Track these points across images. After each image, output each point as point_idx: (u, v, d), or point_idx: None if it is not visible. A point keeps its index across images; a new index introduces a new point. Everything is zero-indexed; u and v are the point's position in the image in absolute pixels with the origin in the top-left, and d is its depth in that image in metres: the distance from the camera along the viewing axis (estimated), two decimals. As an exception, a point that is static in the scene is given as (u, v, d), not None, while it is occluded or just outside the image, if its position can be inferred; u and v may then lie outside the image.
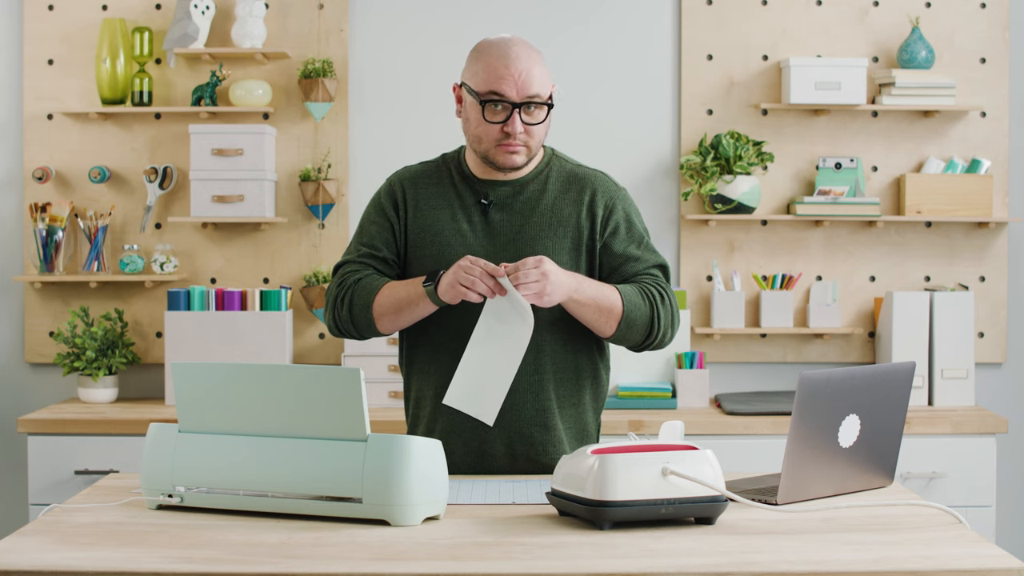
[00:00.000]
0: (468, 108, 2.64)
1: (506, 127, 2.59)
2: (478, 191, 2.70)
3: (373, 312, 2.65)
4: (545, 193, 2.70)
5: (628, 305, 2.61)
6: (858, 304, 4.34)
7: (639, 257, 2.70)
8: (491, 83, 2.58)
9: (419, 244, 2.69)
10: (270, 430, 2.25)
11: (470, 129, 2.64)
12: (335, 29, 4.28)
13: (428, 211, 2.70)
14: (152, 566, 1.94)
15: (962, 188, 4.23)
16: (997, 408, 4.34)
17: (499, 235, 2.67)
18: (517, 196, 2.69)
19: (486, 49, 2.62)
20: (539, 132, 2.64)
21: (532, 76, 2.58)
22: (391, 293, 2.64)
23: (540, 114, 2.62)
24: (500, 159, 2.63)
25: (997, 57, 4.31)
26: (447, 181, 2.72)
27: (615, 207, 2.71)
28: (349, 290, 2.68)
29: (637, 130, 4.32)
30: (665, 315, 2.66)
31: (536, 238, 2.66)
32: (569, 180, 2.72)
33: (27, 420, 3.88)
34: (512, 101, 2.58)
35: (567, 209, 2.69)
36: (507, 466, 2.69)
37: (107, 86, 4.19)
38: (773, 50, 4.31)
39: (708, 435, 3.85)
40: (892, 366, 2.48)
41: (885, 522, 2.22)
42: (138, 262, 4.21)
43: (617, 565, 1.94)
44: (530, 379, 2.66)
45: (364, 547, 2.04)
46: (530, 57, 2.60)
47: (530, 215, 2.67)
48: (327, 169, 4.25)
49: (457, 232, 2.68)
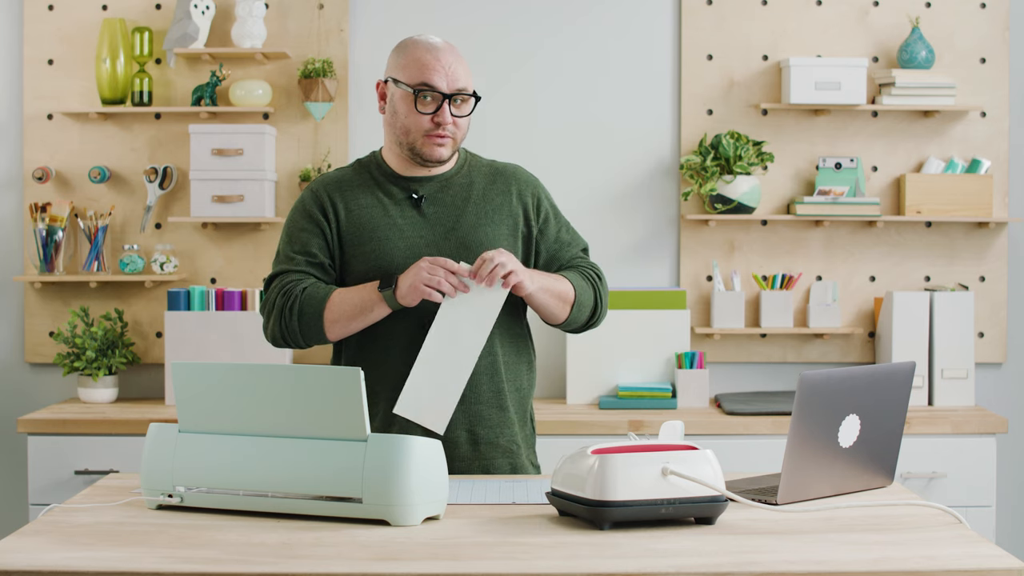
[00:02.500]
0: (396, 101, 2.70)
1: (436, 117, 2.67)
2: (405, 187, 2.76)
3: (324, 320, 2.66)
4: (473, 185, 2.78)
5: (578, 289, 2.76)
6: (858, 304, 4.34)
7: (570, 241, 2.84)
8: (422, 75, 2.66)
9: (356, 243, 2.72)
10: (270, 430, 2.25)
11: (398, 122, 2.70)
12: (335, 29, 4.28)
13: (359, 211, 2.73)
14: (152, 566, 1.94)
15: (962, 188, 4.23)
16: (997, 408, 4.34)
17: (437, 226, 2.72)
18: (446, 190, 2.76)
19: (412, 45, 2.71)
20: (464, 125, 2.73)
21: (459, 70, 2.69)
22: (342, 300, 2.66)
23: (467, 107, 2.70)
24: (427, 151, 2.69)
25: (997, 57, 4.31)
26: (371, 182, 2.77)
27: (540, 196, 2.83)
28: (296, 299, 2.68)
29: (637, 130, 4.32)
30: (604, 294, 2.83)
31: (475, 226, 2.73)
32: (492, 174, 2.82)
33: (27, 420, 3.88)
34: (443, 92, 2.66)
35: (498, 199, 2.78)
36: (469, 452, 2.72)
37: (107, 86, 4.19)
38: (773, 50, 4.31)
39: (708, 435, 3.85)
40: (892, 366, 2.48)
41: (885, 522, 2.22)
42: (138, 262, 4.21)
43: (617, 565, 1.94)
44: (484, 360, 2.71)
45: (364, 547, 2.04)
46: (455, 54, 2.71)
47: (464, 206, 2.74)
48: (327, 169, 4.25)
49: (393, 227, 2.72)
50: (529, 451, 2.84)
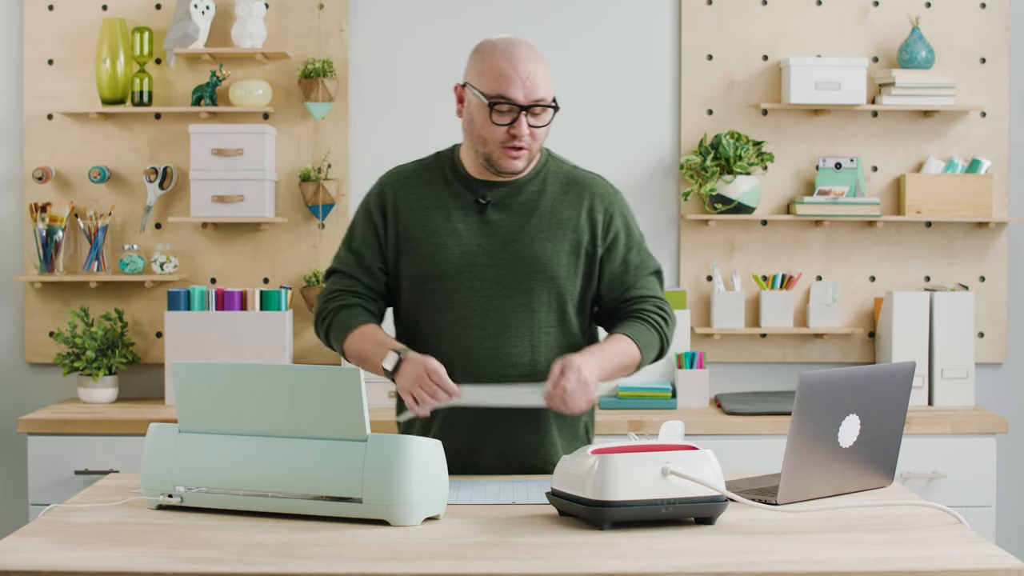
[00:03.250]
0: (473, 109, 2.62)
1: (512, 129, 2.58)
2: (475, 190, 2.68)
3: (344, 349, 2.70)
4: (544, 195, 2.69)
5: (644, 349, 2.67)
6: (858, 304, 4.34)
7: (639, 264, 2.72)
8: (499, 86, 2.56)
9: (413, 245, 2.68)
10: (270, 430, 2.25)
11: (474, 130, 2.62)
12: (335, 29, 4.28)
13: (420, 211, 2.68)
14: (152, 566, 1.94)
15: (962, 188, 4.23)
16: (997, 408, 4.34)
17: (497, 235, 2.66)
18: (515, 197, 2.68)
19: (491, 50, 2.60)
20: (541, 135, 2.64)
21: (538, 79, 2.58)
22: (359, 344, 2.67)
23: (546, 117, 2.61)
24: (503, 163, 2.62)
25: (997, 57, 4.30)
26: (440, 180, 2.71)
27: (614, 213, 2.71)
28: (330, 316, 2.71)
29: (637, 130, 4.32)
30: (670, 334, 2.73)
31: (535, 239, 2.65)
32: (567, 182, 2.72)
33: (27, 420, 3.88)
34: (519, 104, 2.57)
35: (566, 211, 2.68)
36: (496, 465, 2.68)
37: (107, 86, 4.19)
38: (773, 50, 4.31)
39: (708, 435, 3.84)
40: (892, 366, 2.48)
41: (885, 522, 2.22)
42: (138, 262, 4.21)
43: (617, 565, 1.94)
44: (526, 382, 2.64)
45: (364, 547, 2.04)
46: (535, 59, 2.60)
47: (529, 216, 2.66)
48: (327, 169, 4.25)
49: (452, 231, 2.66)
50: None
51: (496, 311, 2.63)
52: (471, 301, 2.63)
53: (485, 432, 2.66)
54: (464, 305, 2.64)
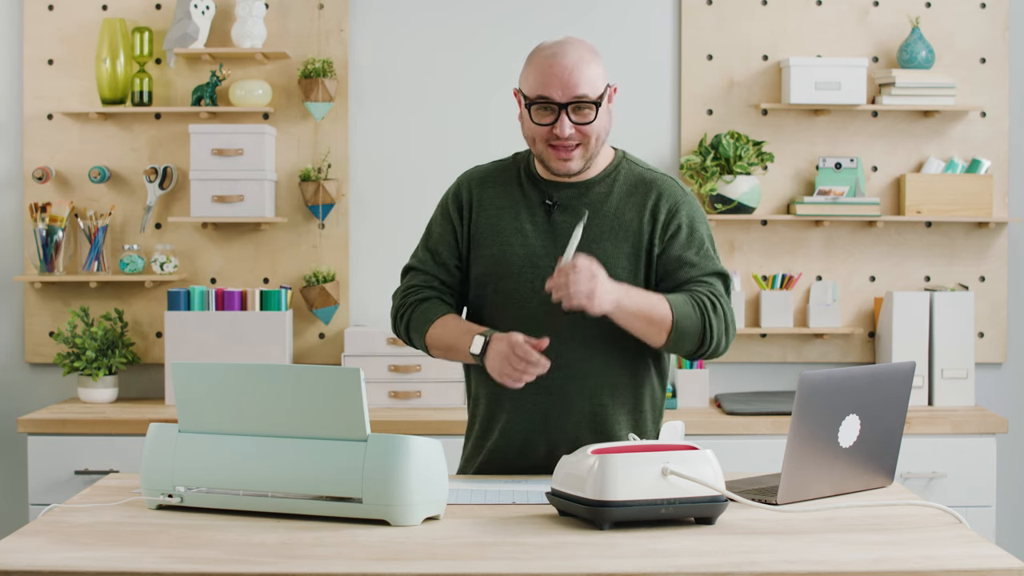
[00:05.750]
0: (522, 111, 2.64)
1: (554, 128, 2.58)
2: (542, 191, 2.69)
3: (426, 342, 2.70)
4: (610, 196, 2.67)
5: (678, 315, 2.54)
6: (858, 304, 4.34)
7: (695, 263, 2.63)
8: (537, 87, 2.58)
9: (482, 244, 2.70)
10: (270, 430, 2.25)
11: (525, 132, 2.65)
12: (335, 29, 4.28)
13: (492, 210, 2.70)
14: (152, 566, 1.94)
15: (962, 188, 4.23)
16: (997, 408, 4.34)
17: (559, 236, 2.65)
18: (582, 198, 2.67)
19: (536, 52, 2.63)
20: (593, 131, 2.61)
21: (578, 76, 2.57)
22: (443, 334, 2.66)
23: (590, 113, 2.59)
24: (553, 164, 2.62)
25: (997, 57, 4.31)
26: (514, 181, 2.72)
27: (679, 211, 2.66)
28: (409, 310, 2.71)
29: (637, 130, 4.31)
30: (718, 324, 2.58)
31: (596, 240, 2.63)
32: (636, 184, 2.69)
33: (27, 420, 3.88)
34: (557, 102, 2.57)
35: (629, 214, 2.66)
36: (545, 462, 2.63)
37: (107, 86, 4.19)
38: (773, 50, 4.31)
39: (708, 435, 3.84)
40: (892, 366, 2.48)
41: (885, 522, 2.22)
42: (138, 262, 4.21)
43: (617, 565, 1.94)
44: (574, 384, 2.62)
45: (364, 547, 2.04)
46: (578, 56, 2.59)
47: (592, 217, 2.65)
48: (327, 169, 4.25)
49: (519, 232, 2.67)
50: None
51: (556, 313, 2.59)
52: (531, 302, 2.63)
53: (540, 434, 2.65)
54: (524, 306, 2.64)
